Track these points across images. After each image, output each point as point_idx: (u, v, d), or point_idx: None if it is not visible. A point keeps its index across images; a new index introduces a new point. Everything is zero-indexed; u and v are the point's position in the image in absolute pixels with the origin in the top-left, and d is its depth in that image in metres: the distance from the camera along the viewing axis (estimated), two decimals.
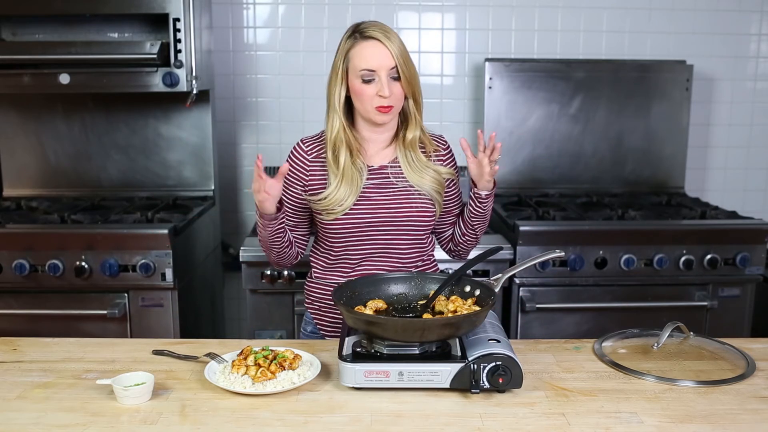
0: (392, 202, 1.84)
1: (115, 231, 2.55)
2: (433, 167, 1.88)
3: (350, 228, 1.83)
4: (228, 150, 3.38)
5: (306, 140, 1.90)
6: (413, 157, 1.87)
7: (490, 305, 1.54)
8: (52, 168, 3.19)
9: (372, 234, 1.85)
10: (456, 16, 3.34)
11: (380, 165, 1.87)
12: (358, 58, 1.76)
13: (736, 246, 2.69)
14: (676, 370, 1.60)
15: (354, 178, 1.81)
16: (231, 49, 3.32)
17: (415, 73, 1.80)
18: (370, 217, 1.83)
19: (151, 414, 1.39)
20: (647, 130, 3.33)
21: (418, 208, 1.85)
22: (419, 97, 1.85)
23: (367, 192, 1.84)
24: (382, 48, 1.74)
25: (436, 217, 1.90)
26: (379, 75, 1.75)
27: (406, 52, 1.79)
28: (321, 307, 1.95)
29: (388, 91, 1.74)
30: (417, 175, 1.85)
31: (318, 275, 1.94)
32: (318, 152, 1.87)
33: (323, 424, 1.36)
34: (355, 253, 1.87)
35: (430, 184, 1.86)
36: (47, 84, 2.77)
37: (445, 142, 1.96)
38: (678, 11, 3.37)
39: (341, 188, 1.80)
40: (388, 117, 1.80)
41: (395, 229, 1.85)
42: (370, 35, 1.76)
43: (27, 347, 1.73)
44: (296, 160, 1.88)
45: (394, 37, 1.77)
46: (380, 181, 1.86)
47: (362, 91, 1.77)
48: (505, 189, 3.31)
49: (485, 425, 1.36)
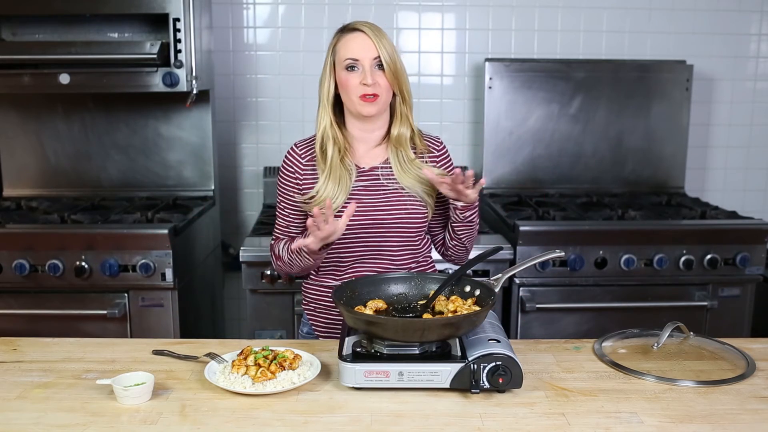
0: (382, 205, 1.84)
1: (115, 231, 2.55)
2: (423, 168, 1.86)
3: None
4: (228, 150, 3.38)
5: (299, 143, 1.91)
6: (404, 157, 1.86)
7: (490, 305, 1.54)
8: (52, 168, 3.19)
9: (362, 237, 1.84)
10: (456, 16, 3.34)
11: (371, 166, 1.87)
12: (343, 49, 1.80)
13: (736, 246, 2.69)
14: (676, 370, 1.60)
15: (342, 178, 1.81)
16: (231, 49, 3.32)
17: (401, 69, 1.81)
18: (360, 220, 1.82)
19: (151, 414, 1.39)
20: (647, 130, 3.33)
21: (408, 211, 1.85)
22: (408, 95, 1.85)
23: (356, 194, 1.83)
24: (365, 38, 1.78)
25: (428, 219, 1.89)
26: (362, 64, 1.77)
27: (393, 48, 1.81)
28: (315, 308, 1.95)
29: (371, 79, 1.76)
30: (407, 176, 1.85)
31: (314, 277, 1.94)
32: (312, 155, 1.87)
33: (323, 424, 1.36)
34: (346, 256, 1.87)
35: (420, 186, 1.85)
36: (47, 84, 2.77)
37: (440, 143, 1.95)
38: (678, 11, 3.37)
39: (329, 185, 1.80)
40: (374, 108, 1.79)
41: (386, 231, 1.84)
42: (355, 27, 1.80)
43: (27, 347, 1.73)
44: (290, 163, 1.88)
45: (381, 33, 1.80)
46: (370, 182, 1.85)
47: (347, 80, 1.78)
48: (505, 189, 3.31)
49: (485, 425, 1.36)
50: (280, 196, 1.92)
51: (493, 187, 3.32)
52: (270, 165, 3.35)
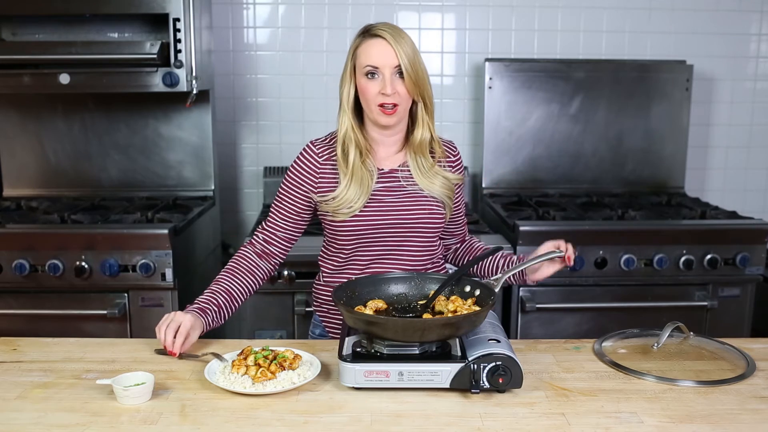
0: (403, 205, 1.83)
1: (115, 231, 2.55)
2: (442, 173, 1.86)
3: (360, 230, 1.81)
4: (228, 150, 3.39)
5: (316, 142, 1.88)
6: (423, 163, 1.85)
7: (490, 305, 1.54)
8: (52, 168, 3.19)
9: (382, 236, 1.83)
10: (456, 16, 3.34)
11: (391, 168, 1.86)
12: (363, 55, 1.76)
13: (736, 246, 2.69)
14: (676, 370, 1.60)
15: (364, 179, 1.80)
16: (231, 49, 3.32)
17: (423, 76, 1.79)
18: (381, 220, 1.81)
19: (151, 414, 1.39)
20: (647, 130, 3.33)
21: (428, 211, 1.84)
22: (429, 101, 1.83)
23: (377, 195, 1.82)
24: (387, 46, 1.74)
25: (446, 221, 1.89)
26: (382, 72, 1.74)
27: (416, 54, 1.78)
28: (330, 309, 1.93)
29: (391, 88, 1.72)
30: (427, 180, 1.84)
31: (327, 278, 1.92)
32: (329, 154, 1.85)
33: (323, 424, 1.36)
34: (365, 256, 1.85)
35: (441, 189, 1.85)
36: (47, 84, 2.77)
37: (454, 148, 1.94)
38: (678, 11, 3.37)
39: (351, 188, 1.79)
40: (393, 119, 1.77)
41: (405, 232, 1.83)
42: (377, 34, 1.75)
43: (27, 347, 1.73)
44: (306, 161, 1.85)
45: (404, 38, 1.76)
46: (391, 184, 1.84)
47: (366, 88, 1.75)
48: (505, 189, 3.31)
49: (485, 425, 1.36)
50: (281, 193, 1.87)
51: (493, 187, 3.32)
52: (270, 165, 3.35)
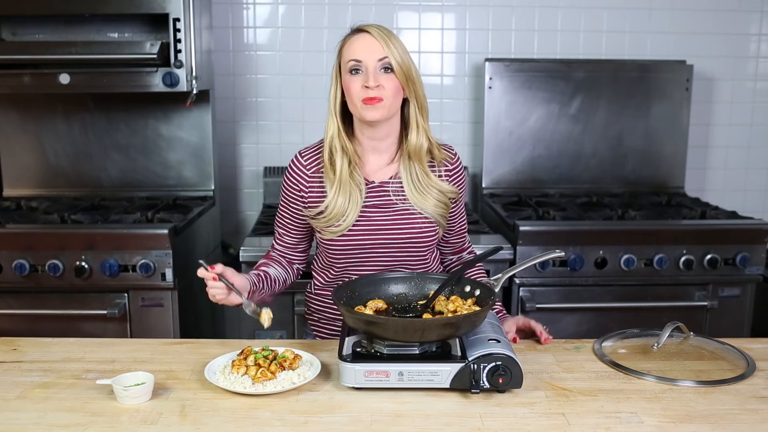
0: (392, 223, 1.77)
1: (115, 231, 2.54)
2: (437, 186, 1.79)
3: (349, 249, 1.78)
4: (228, 150, 3.38)
5: (304, 152, 1.82)
6: (417, 173, 1.77)
7: (490, 305, 1.54)
8: (52, 168, 3.19)
9: (372, 255, 1.79)
10: (456, 16, 3.34)
11: (380, 181, 1.79)
12: (347, 50, 1.72)
13: (736, 246, 2.69)
14: (676, 370, 1.60)
15: (353, 194, 1.74)
16: (231, 49, 3.32)
17: (414, 72, 1.72)
18: (369, 239, 1.77)
19: (151, 414, 1.39)
20: (647, 130, 3.33)
21: (419, 230, 1.78)
22: (423, 101, 1.76)
23: (365, 212, 1.76)
24: (371, 39, 1.69)
25: (438, 237, 1.84)
26: (366, 65, 1.68)
27: (405, 51, 1.72)
28: (320, 319, 1.93)
29: (374, 81, 1.66)
30: (419, 195, 1.77)
31: (318, 290, 1.91)
32: (318, 166, 1.79)
33: (323, 424, 1.36)
34: (355, 273, 1.81)
35: (433, 208, 1.78)
36: (47, 84, 2.77)
37: (454, 154, 1.87)
38: (678, 11, 3.37)
39: (339, 198, 1.73)
40: (377, 112, 1.68)
41: (396, 250, 1.79)
42: (362, 29, 1.72)
43: (27, 347, 1.73)
44: (295, 174, 1.80)
45: (390, 35, 1.70)
46: (380, 200, 1.78)
47: (349, 84, 1.70)
48: (505, 189, 3.31)
49: (485, 425, 1.36)
50: (282, 206, 1.86)
51: (493, 187, 3.32)
52: (270, 165, 3.35)
